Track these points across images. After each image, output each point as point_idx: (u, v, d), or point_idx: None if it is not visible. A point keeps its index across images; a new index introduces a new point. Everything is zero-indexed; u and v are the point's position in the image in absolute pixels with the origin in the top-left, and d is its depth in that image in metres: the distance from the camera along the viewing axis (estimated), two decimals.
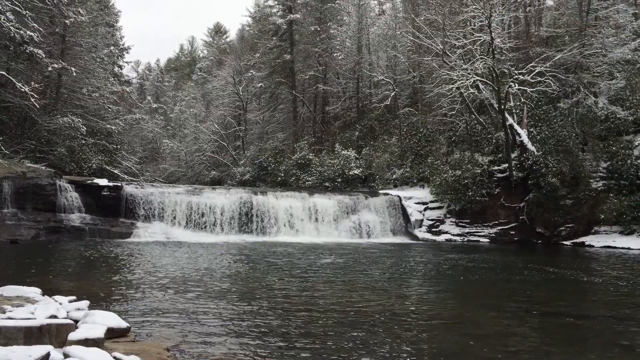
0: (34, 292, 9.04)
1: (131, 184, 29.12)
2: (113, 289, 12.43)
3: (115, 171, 35.87)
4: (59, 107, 34.08)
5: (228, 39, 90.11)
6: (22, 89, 27.02)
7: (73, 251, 20.00)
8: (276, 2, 52.14)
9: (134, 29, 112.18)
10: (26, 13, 27.63)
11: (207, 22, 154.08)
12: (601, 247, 26.54)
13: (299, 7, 48.55)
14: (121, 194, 26.67)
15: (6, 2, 26.90)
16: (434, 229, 30.65)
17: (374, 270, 17.28)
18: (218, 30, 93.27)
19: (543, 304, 12.40)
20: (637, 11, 36.92)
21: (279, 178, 41.02)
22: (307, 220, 28.85)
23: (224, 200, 28.04)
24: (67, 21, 32.81)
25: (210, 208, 27.56)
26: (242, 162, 50.02)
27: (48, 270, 14.92)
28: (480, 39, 31.49)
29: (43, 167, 27.97)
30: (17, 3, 27.13)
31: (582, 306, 12.68)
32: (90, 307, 8.68)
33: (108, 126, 37.30)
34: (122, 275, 14.43)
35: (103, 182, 26.99)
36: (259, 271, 16.14)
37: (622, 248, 25.78)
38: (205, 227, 27.18)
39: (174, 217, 27.05)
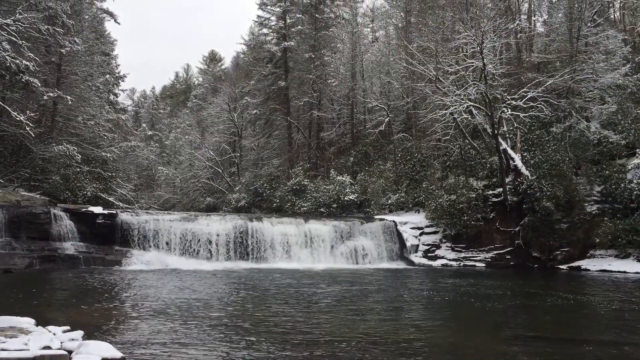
0: (27, 322, 8.97)
1: (126, 211, 29.00)
2: (107, 318, 12.32)
3: (110, 199, 35.78)
4: (54, 135, 34.12)
5: (223, 67, 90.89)
6: (18, 118, 27.07)
7: (67, 280, 19.84)
8: (271, 30, 52.81)
9: (130, 57, 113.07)
10: (22, 43, 27.82)
11: (202, 50, 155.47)
12: (597, 271, 26.49)
13: (293, 35, 49.12)
14: (116, 221, 26.54)
15: (2, 33, 27.11)
16: (429, 254, 30.57)
17: (372, 297, 17.20)
18: (213, 58, 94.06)
19: (542, 329, 12.35)
20: (626, 37, 37.52)
21: (274, 204, 40.97)
22: (303, 246, 28.74)
23: (219, 227, 27.92)
24: (63, 50, 33.04)
25: (205, 235, 27.43)
26: (237, 188, 50.00)
27: (42, 300, 14.80)
28: (472, 65, 31.84)
29: (37, 196, 27.89)
30: (13, 33, 27.32)
31: (581, 331, 12.62)
32: (85, 337, 8.61)
33: (103, 154, 37.31)
34: (116, 305, 14.31)
35: (98, 209, 26.89)
36: (256, 299, 16.04)
37: (618, 272, 25.74)
38: (200, 254, 27.00)
39: (169, 245, 26.89)
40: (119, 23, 44.54)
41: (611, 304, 16.03)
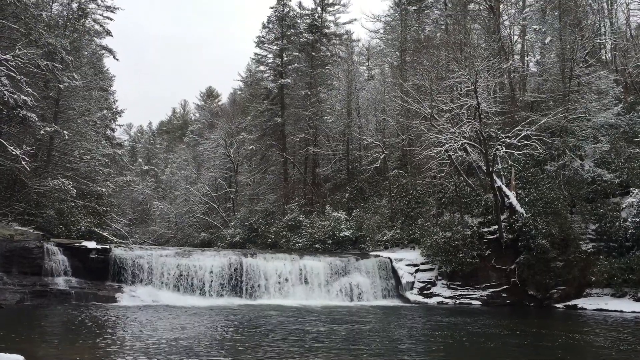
0: (16, 359, 8.82)
1: (120, 246, 28.81)
2: (98, 356, 12.11)
3: (104, 233, 35.57)
4: (49, 169, 34.11)
5: (220, 103, 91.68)
6: (14, 152, 27.09)
7: (58, 316, 19.58)
8: (268, 68, 53.48)
9: (128, 92, 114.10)
10: (21, 78, 28.03)
11: (199, 86, 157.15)
12: (593, 310, 26.30)
13: (289, 72, 49.74)
14: (109, 256, 26.32)
15: (1, 68, 27.35)
16: (425, 292, 30.33)
17: (369, 336, 16.99)
18: (210, 94, 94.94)
19: None
20: (618, 77, 38.12)
21: (269, 240, 40.78)
22: (298, 283, 28.51)
23: (213, 262, 27.71)
24: (61, 86, 33.29)
25: (199, 270, 27.19)
26: (232, 223, 49.85)
27: (31, 336, 14.57)
28: (466, 104, 32.19)
29: (31, 230, 27.71)
30: (12, 68, 27.57)
31: None
32: None
33: (98, 188, 37.26)
34: (107, 342, 14.08)
35: (91, 244, 26.69)
36: (251, 338, 15.81)
37: (615, 311, 25.56)
38: (194, 290, 26.74)
39: (162, 280, 26.63)
40: (117, 59, 45.10)
41: (609, 345, 15.86)
